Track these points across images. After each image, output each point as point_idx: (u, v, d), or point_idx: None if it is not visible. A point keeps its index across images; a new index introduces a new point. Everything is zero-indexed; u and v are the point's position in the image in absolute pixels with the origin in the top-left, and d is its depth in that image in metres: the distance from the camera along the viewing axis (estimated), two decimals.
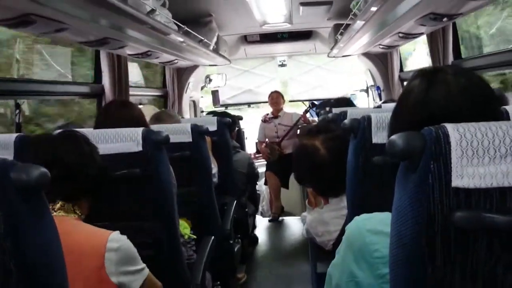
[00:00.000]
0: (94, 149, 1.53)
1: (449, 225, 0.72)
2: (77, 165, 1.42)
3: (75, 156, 1.43)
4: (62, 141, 1.46)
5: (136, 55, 3.58)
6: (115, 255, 1.28)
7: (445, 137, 0.72)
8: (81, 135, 1.52)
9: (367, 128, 1.56)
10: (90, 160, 1.47)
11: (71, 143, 1.46)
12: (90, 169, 1.45)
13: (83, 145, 1.49)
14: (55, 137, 1.47)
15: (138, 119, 1.97)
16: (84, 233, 1.34)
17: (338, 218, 1.92)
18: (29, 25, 1.99)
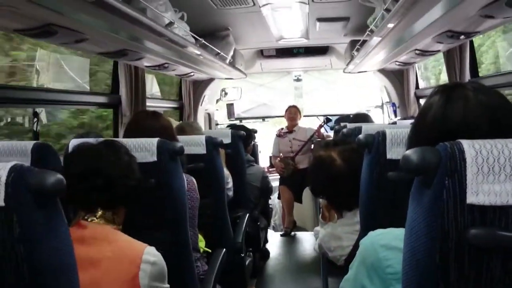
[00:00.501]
0: (134, 160, 1.56)
1: (464, 242, 0.72)
2: (117, 176, 1.44)
3: (116, 166, 1.46)
4: (104, 151, 1.48)
5: (153, 67, 3.62)
6: (150, 268, 1.33)
7: (461, 153, 0.72)
8: (122, 145, 1.55)
9: (382, 144, 1.56)
10: (130, 171, 1.50)
11: (112, 153, 1.49)
12: (129, 180, 1.48)
13: (124, 155, 1.52)
14: (97, 147, 1.50)
15: (166, 130, 2.01)
16: (122, 242, 1.38)
17: (351, 233, 1.91)
18: (51, 35, 2.03)
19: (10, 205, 0.77)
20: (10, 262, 0.78)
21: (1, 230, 0.77)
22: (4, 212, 0.77)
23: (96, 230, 1.38)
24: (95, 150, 1.48)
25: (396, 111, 5.46)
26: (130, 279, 1.30)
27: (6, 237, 0.77)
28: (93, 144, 1.51)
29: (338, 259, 1.95)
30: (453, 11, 2.06)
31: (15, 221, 0.77)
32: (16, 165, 0.80)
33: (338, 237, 1.96)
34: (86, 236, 1.34)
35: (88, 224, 1.39)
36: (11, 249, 0.78)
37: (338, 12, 3.70)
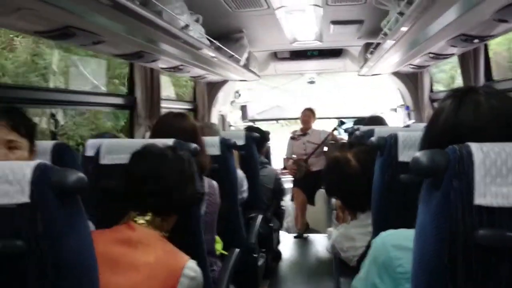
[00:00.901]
0: (194, 171, 1.60)
1: (472, 243, 0.73)
2: (177, 184, 1.49)
3: (178, 175, 1.50)
4: (170, 157, 1.52)
5: (169, 68, 3.66)
6: (189, 283, 1.35)
7: (469, 156, 0.73)
8: (187, 154, 1.61)
9: (394, 146, 1.57)
10: (190, 181, 1.55)
11: (177, 161, 1.53)
12: (187, 190, 1.52)
13: (186, 165, 1.56)
14: (164, 152, 1.53)
15: (191, 131, 2.05)
16: (166, 250, 1.40)
17: (364, 234, 1.92)
18: (69, 37, 2.08)
19: (34, 202, 0.81)
20: (34, 257, 0.81)
21: (26, 225, 0.81)
22: (29, 208, 0.81)
23: (144, 234, 1.40)
24: (161, 155, 1.51)
25: (410, 114, 5.43)
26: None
27: (31, 234, 0.81)
28: (160, 149, 1.54)
29: (350, 260, 1.97)
30: (466, 15, 2.06)
31: (39, 217, 0.81)
32: (40, 164, 0.84)
33: (351, 237, 1.97)
34: (133, 238, 1.37)
35: (137, 227, 1.41)
36: (35, 244, 0.81)
37: (352, 15, 3.71)
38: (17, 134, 1.52)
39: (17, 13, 1.70)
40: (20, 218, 0.81)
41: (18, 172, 0.82)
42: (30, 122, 1.61)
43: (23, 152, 1.55)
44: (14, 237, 0.80)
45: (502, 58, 5.07)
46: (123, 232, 1.40)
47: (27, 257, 0.81)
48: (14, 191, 0.81)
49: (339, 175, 2.01)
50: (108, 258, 1.31)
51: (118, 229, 1.43)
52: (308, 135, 5.54)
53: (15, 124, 1.52)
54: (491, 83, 3.40)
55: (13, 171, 0.82)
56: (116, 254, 1.35)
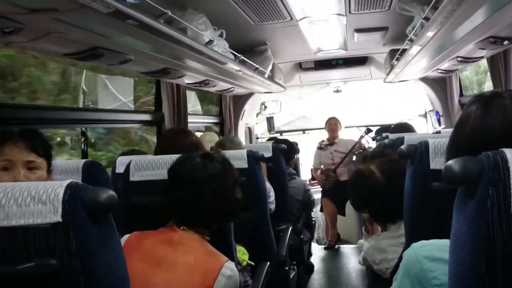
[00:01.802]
0: (237, 187, 1.70)
1: (510, 252, 0.71)
2: (219, 201, 1.58)
3: (222, 193, 1.58)
4: (218, 174, 1.60)
5: (194, 84, 3.70)
6: (225, 281, 1.42)
7: (504, 162, 0.71)
8: (234, 172, 1.71)
9: (425, 154, 1.54)
10: (232, 198, 1.64)
11: (223, 178, 1.62)
12: (228, 206, 1.62)
13: (231, 181, 1.66)
14: (214, 167, 1.61)
15: (196, 146, 2.05)
16: (206, 251, 1.49)
17: (396, 245, 1.89)
18: (98, 58, 2.13)
19: (67, 221, 0.82)
20: (67, 275, 0.83)
21: (60, 244, 0.82)
22: (62, 227, 0.82)
23: (185, 236, 1.50)
24: (207, 173, 1.57)
25: (439, 119, 5.34)
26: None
27: (64, 251, 0.82)
28: (210, 164, 1.60)
29: (384, 272, 1.93)
30: (495, 16, 2.02)
31: (72, 236, 0.82)
32: (72, 183, 0.85)
33: (382, 250, 1.94)
34: (174, 239, 1.47)
35: (179, 230, 1.51)
36: (68, 262, 0.82)
37: (376, 22, 3.68)
38: (35, 155, 1.60)
39: (46, 37, 1.76)
40: (54, 237, 0.82)
41: (51, 191, 0.83)
42: (47, 142, 1.69)
43: (43, 172, 1.62)
44: (48, 256, 0.82)
45: None
46: (166, 234, 1.52)
47: (61, 275, 0.83)
48: (47, 210, 0.82)
49: (364, 188, 1.98)
50: (152, 256, 1.45)
51: (163, 231, 1.55)
52: (335, 145, 5.50)
53: (34, 145, 1.59)
54: None
55: (46, 191, 0.83)
56: (159, 253, 1.46)
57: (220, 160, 1.63)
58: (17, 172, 1.55)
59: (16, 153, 1.56)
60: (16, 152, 1.56)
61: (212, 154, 1.65)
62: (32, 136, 1.61)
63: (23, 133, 1.60)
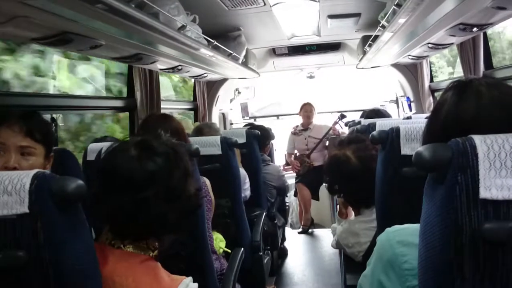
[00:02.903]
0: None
1: (478, 237, 0.72)
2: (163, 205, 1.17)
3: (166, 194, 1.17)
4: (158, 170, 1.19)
5: (167, 69, 3.65)
6: None
7: (472, 149, 0.72)
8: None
9: (396, 140, 1.56)
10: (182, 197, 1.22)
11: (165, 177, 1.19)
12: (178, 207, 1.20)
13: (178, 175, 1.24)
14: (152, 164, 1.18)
15: (177, 131, 2.01)
16: (152, 280, 1.11)
17: (368, 229, 1.92)
18: (67, 43, 2.07)
19: (34, 212, 0.80)
20: (36, 267, 0.81)
21: (27, 236, 0.80)
22: (29, 218, 0.80)
23: (123, 260, 1.11)
24: (147, 172, 1.15)
25: (410, 105, 5.42)
26: None
27: (32, 243, 0.80)
28: (149, 160, 1.18)
29: (356, 255, 1.96)
30: (465, 3, 2.04)
31: (40, 227, 0.80)
32: (39, 173, 0.83)
33: (355, 233, 1.97)
34: (108, 267, 1.06)
35: (114, 250, 1.12)
36: (36, 254, 0.80)
37: (349, 8, 3.69)
38: (31, 140, 1.51)
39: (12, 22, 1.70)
40: (20, 229, 0.80)
41: (17, 182, 0.81)
42: (46, 127, 1.59)
43: (38, 159, 1.54)
44: (15, 248, 0.80)
45: None
46: (97, 258, 1.05)
47: (29, 268, 0.81)
48: (13, 201, 0.80)
49: (340, 173, 2.01)
50: None
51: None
52: (309, 130, 5.54)
53: (30, 129, 1.50)
54: (491, 72, 3.38)
55: (12, 181, 0.81)
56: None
57: (162, 150, 1.20)
58: (9, 157, 1.48)
59: (10, 137, 1.48)
60: (9, 136, 1.48)
61: (151, 142, 1.21)
62: (29, 120, 1.52)
63: (20, 116, 1.51)
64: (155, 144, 1.21)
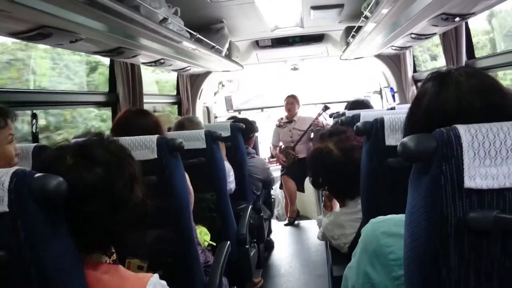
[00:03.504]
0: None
1: (463, 226, 0.72)
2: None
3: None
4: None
5: (150, 63, 3.61)
6: None
7: (457, 138, 0.72)
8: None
9: (380, 131, 1.56)
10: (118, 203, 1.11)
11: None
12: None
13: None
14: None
15: (154, 127, 1.98)
16: (119, 281, 1.08)
17: (354, 221, 1.93)
18: (46, 37, 2.03)
19: (14, 210, 0.78)
20: (17, 266, 0.79)
21: (7, 235, 0.78)
22: (9, 217, 0.78)
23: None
24: (86, 186, 1.03)
25: (394, 95, 5.46)
26: None
27: (12, 242, 0.79)
28: (87, 171, 1.05)
29: (341, 247, 1.97)
30: None
31: (20, 226, 0.78)
32: (18, 170, 0.81)
33: (341, 225, 1.97)
34: None
35: None
36: (17, 253, 0.79)
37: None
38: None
39: None
40: (0, 228, 0.78)
41: None
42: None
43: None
44: None
45: None
46: None
47: (10, 267, 0.79)
48: None
49: (323, 166, 2.01)
50: None
51: None
52: (294, 122, 5.54)
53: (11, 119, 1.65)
54: (473, 61, 3.41)
55: None
56: None
57: (102, 158, 1.08)
58: (14, 143, 1.63)
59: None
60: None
61: (90, 149, 1.09)
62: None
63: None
64: (95, 152, 1.09)
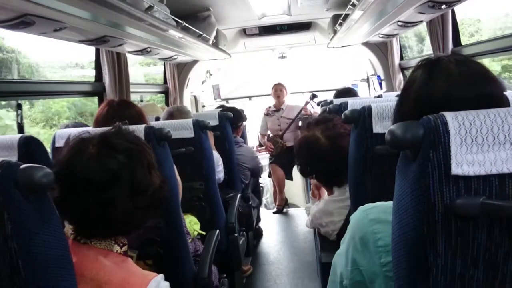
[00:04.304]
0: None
1: (450, 213, 0.73)
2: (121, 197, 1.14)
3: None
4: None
5: (136, 52, 3.58)
6: None
7: (444, 126, 0.73)
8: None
9: (368, 119, 1.57)
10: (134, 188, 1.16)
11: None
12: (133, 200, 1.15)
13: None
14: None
15: (137, 118, 1.97)
16: (125, 273, 1.10)
17: (342, 208, 1.94)
18: (28, 25, 2.00)
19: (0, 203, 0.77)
20: (4, 258, 0.78)
21: None
22: None
23: (87, 261, 1.07)
24: (108, 172, 1.11)
25: (381, 83, 5.47)
26: None
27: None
28: (109, 158, 1.13)
29: (330, 234, 1.98)
30: None
31: (6, 218, 0.77)
32: (3, 162, 0.80)
33: (329, 212, 1.98)
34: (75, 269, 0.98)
35: (76, 249, 1.08)
36: (4, 245, 0.78)
37: None
38: None
39: None
40: None
41: None
42: None
43: None
44: None
45: None
46: None
47: None
48: None
49: (311, 155, 2.01)
50: None
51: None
52: (282, 111, 5.54)
53: None
54: (460, 48, 3.43)
55: None
56: None
57: (123, 146, 1.15)
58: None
59: None
60: None
61: (111, 139, 1.16)
62: None
63: None
64: (115, 141, 1.16)
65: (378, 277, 0.94)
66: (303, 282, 3.58)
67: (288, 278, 3.69)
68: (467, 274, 0.76)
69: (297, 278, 3.67)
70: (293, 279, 3.66)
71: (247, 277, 3.70)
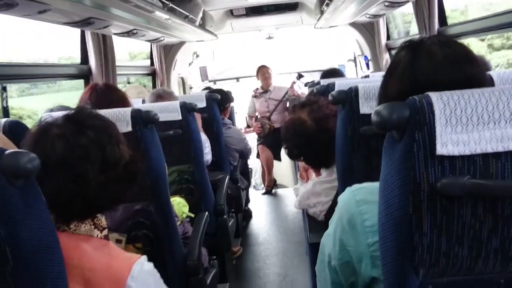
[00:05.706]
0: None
1: (435, 193, 0.74)
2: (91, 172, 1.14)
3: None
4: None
5: (122, 34, 3.53)
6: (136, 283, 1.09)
7: (429, 106, 0.73)
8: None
9: (355, 99, 1.57)
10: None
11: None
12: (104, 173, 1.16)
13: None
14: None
15: (121, 102, 1.96)
16: (103, 263, 1.08)
17: (330, 189, 1.95)
18: (11, 7, 1.96)
19: None
20: None
21: None
22: None
23: (68, 248, 1.03)
24: (79, 148, 1.11)
25: (368, 64, 5.48)
26: None
27: None
28: (79, 135, 1.12)
29: (318, 215, 2.00)
30: None
31: None
32: None
33: (317, 193, 2.00)
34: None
35: (60, 234, 1.02)
36: None
37: None
38: None
39: None
40: None
41: None
42: None
43: None
44: None
45: None
46: None
47: None
48: None
49: (297, 137, 2.01)
50: None
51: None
52: (269, 92, 5.54)
53: None
54: (445, 28, 3.43)
55: None
56: None
57: (89, 122, 1.16)
58: None
59: None
60: None
61: (77, 116, 1.17)
62: None
63: None
64: (81, 117, 1.18)
65: (365, 257, 0.95)
66: (292, 262, 3.62)
67: (277, 259, 3.73)
68: (452, 252, 0.77)
69: (286, 258, 3.71)
70: (282, 260, 3.71)
71: (236, 258, 3.74)
